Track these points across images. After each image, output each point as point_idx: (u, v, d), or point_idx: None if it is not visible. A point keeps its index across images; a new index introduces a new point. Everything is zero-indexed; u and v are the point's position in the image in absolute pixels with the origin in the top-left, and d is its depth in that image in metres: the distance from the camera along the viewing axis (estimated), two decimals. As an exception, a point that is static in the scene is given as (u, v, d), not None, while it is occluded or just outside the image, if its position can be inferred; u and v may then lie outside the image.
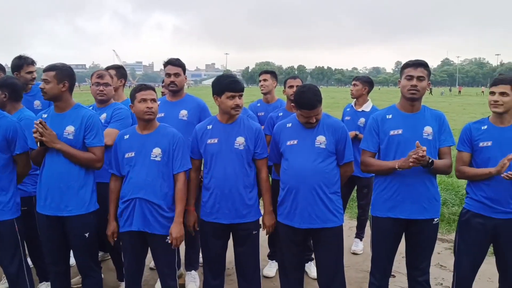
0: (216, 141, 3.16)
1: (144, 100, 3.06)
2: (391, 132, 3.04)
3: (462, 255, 3.13)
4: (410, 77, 2.98)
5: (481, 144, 3.01)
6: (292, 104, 3.18)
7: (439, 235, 5.07)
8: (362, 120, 4.65)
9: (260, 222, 3.29)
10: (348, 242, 4.91)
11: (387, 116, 3.12)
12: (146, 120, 3.10)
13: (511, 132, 2.97)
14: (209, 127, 3.23)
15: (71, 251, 3.30)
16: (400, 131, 3.02)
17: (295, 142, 3.12)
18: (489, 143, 2.99)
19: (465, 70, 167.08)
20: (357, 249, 4.91)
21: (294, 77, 4.25)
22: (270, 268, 4.29)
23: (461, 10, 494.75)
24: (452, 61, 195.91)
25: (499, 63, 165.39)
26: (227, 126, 3.19)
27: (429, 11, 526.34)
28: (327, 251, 3.12)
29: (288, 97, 4.14)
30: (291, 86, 4.11)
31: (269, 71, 4.72)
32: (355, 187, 5.02)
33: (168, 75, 3.77)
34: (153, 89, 3.14)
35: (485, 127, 3.05)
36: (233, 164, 3.12)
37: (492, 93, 2.98)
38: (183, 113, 3.77)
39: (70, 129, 3.06)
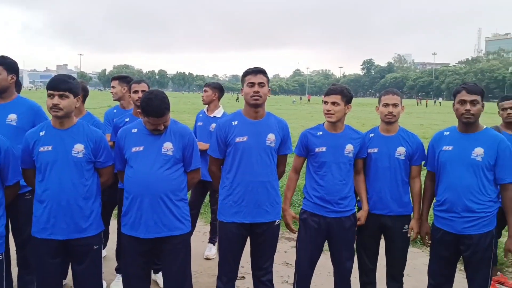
0: (50, 148, 2.86)
1: None
2: (237, 139, 3.11)
3: (301, 252, 3.37)
4: (252, 84, 3.08)
5: (317, 150, 3.25)
6: (138, 110, 3.03)
7: (286, 235, 5.41)
8: (214, 125, 4.69)
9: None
10: (202, 247, 4.92)
11: (233, 123, 3.18)
12: None
13: (342, 138, 3.27)
14: (42, 133, 2.90)
15: None
16: (245, 138, 3.10)
17: (141, 148, 2.98)
18: (324, 149, 3.24)
19: (314, 81, 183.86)
20: (210, 254, 4.92)
21: (138, 82, 4.04)
22: (117, 283, 4.03)
23: (311, 25, 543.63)
24: (303, 72, 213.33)
25: (342, 75, 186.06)
26: (62, 132, 2.90)
27: (284, 24, 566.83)
28: (174, 260, 3.04)
29: (133, 102, 3.96)
30: (136, 91, 3.92)
31: (117, 77, 4.47)
32: (208, 192, 5.04)
33: None
34: None
35: (321, 133, 3.30)
36: (71, 174, 2.86)
37: (325, 102, 3.22)
38: (12, 117, 3.34)
39: None
